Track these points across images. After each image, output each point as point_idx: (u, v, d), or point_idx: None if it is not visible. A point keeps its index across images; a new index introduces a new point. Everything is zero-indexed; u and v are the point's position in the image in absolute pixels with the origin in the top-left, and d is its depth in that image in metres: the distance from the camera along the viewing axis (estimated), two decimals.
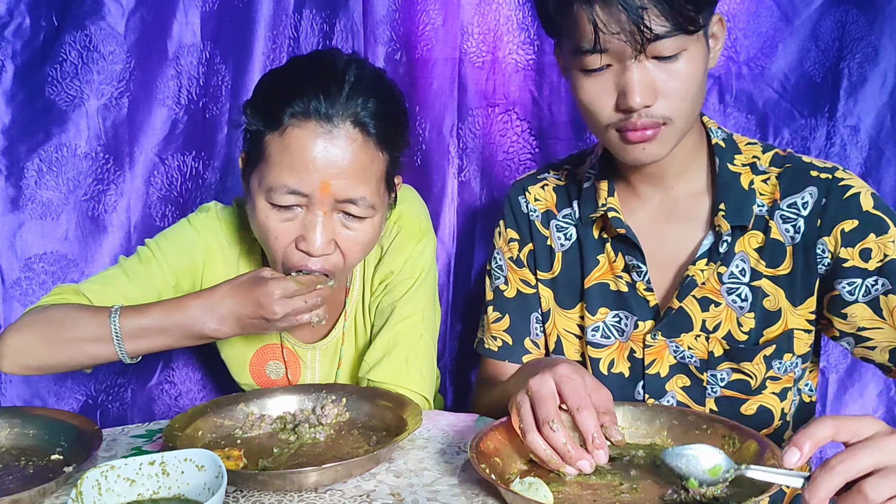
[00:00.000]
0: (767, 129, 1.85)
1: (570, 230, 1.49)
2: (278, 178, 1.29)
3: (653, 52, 1.22)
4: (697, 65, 1.26)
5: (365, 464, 1.12)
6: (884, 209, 1.30)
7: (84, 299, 1.40)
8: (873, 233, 1.28)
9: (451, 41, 1.87)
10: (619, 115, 1.27)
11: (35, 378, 1.73)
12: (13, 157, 1.67)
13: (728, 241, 1.35)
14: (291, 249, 1.33)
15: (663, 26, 1.19)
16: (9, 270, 1.69)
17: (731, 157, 1.39)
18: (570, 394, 1.09)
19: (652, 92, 1.24)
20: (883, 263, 1.27)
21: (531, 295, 1.51)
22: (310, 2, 1.82)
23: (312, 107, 1.27)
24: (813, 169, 1.35)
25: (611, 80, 1.26)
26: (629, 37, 1.20)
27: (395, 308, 1.49)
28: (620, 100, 1.25)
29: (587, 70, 1.27)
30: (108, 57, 1.69)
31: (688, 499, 1.03)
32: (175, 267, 1.48)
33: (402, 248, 1.51)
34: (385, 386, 1.44)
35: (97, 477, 0.98)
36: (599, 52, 1.23)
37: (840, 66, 1.80)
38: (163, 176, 1.77)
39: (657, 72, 1.24)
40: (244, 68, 1.79)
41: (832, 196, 1.31)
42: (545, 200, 1.52)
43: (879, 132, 1.81)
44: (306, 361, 1.56)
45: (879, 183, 1.83)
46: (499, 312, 1.53)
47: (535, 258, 1.51)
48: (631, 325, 1.42)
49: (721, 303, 1.36)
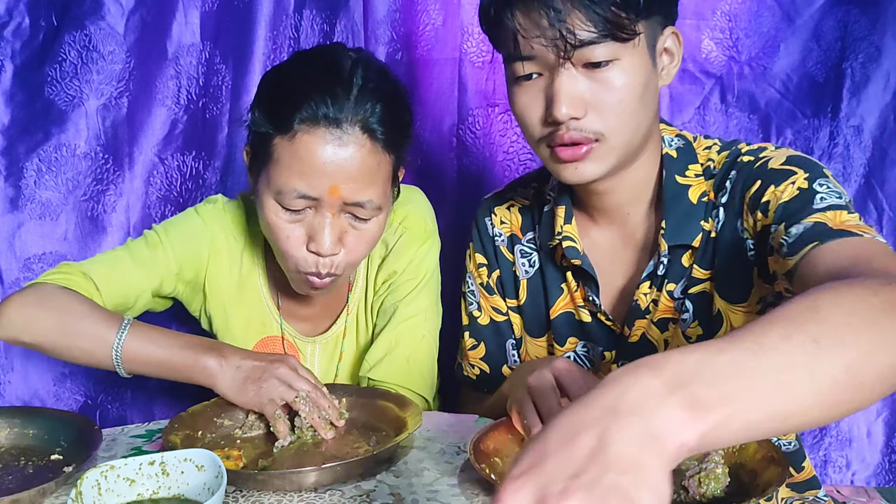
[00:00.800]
0: (770, 130, 1.84)
1: (534, 256, 1.43)
2: (288, 182, 1.30)
3: (582, 58, 1.15)
4: (634, 77, 1.17)
5: (365, 464, 1.12)
6: (795, 162, 1.18)
7: (91, 284, 1.40)
8: (773, 185, 1.16)
9: (451, 41, 1.87)
10: (547, 130, 1.20)
11: (35, 378, 1.72)
12: (12, 157, 1.66)
13: (664, 262, 1.27)
14: (304, 253, 1.34)
15: (589, 31, 1.12)
16: (8, 270, 1.69)
17: (683, 168, 1.29)
18: (570, 385, 1.09)
19: (580, 103, 1.16)
20: (778, 208, 1.14)
21: (504, 322, 1.47)
22: (310, 2, 1.82)
23: (321, 112, 1.28)
24: (742, 155, 1.25)
25: (540, 91, 1.19)
26: (550, 42, 1.13)
27: (397, 308, 1.49)
28: (547, 111, 1.18)
29: (516, 79, 1.21)
30: (108, 57, 1.68)
31: (688, 499, 1.03)
32: (180, 255, 1.48)
33: (407, 248, 1.51)
34: (386, 385, 1.44)
35: (97, 477, 0.98)
36: (521, 58, 1.17)
37: (843, 66, 1.80)
38: (162, 176, 1.77)
39: (588, 82, 1.16)
40: (244, 68, 1.79)
41: (743, 171, 1.22)
42: (510, 223, 1.46)
43: (883, 132, 1.81)
44: (306, 354, 1.56)
45: (883, 184, 1.82)
46: (474, 339, 1.50)
47: (503, 285, 1.46)
48: (598, 355, 1.38)
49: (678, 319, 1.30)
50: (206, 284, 1.52)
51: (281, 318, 1.55)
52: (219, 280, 1.52)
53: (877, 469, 1.92)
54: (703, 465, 1.04)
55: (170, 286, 1.49)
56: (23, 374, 1.71)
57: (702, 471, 1.03)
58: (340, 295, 1.56)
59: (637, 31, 1.15)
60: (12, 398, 1.71)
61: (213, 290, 1.53)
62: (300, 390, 1.24)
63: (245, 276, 1.54)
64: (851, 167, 1.82)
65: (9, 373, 1.70)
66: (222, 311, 1.54)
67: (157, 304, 1.53)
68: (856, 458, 1.91)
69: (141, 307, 1.49)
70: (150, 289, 1.47)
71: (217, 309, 1.54)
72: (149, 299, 1.48)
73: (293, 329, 1.56)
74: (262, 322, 1.56)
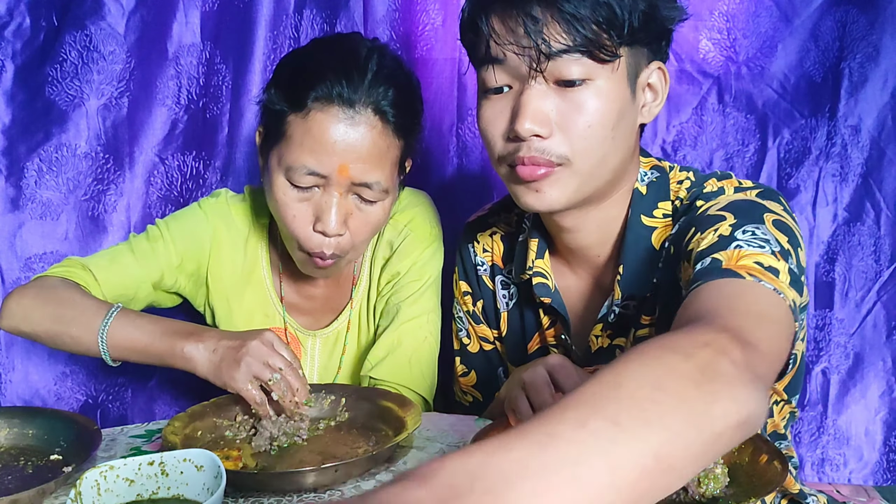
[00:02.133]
0: (767, 130, 1.84)
1: (513, 289, 1.41)
2: (299, 159, 1.33)
3: (554, 73, 1.10)
4: (608, 103, 1.11)
5: (364, 464, 1.12)
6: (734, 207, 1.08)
7: (89, 275, 1.43)
8: (699, 232, 1.06)
9: (450, 41, 1.87)
10: (509, 147, 1.15)
11: (36, 377, 1.73)
12: (13, 156, 1.67)
13: (615, 311, 1.23)
14: (310, 232, 1.37)
15: (565, 45, 1.08)
16: (9, 270, 1.69)
17: (651, 206, 1.22)
18: (564, 380, 1.09)
19: (546, 120, 1.11)
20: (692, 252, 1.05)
21: (492, 351, 1.47)
22: (310, 2, 1.82)
23: (336, 92, 1.31)
24: (700, 198, 1.16)
25: (508, 105, 1.14)
26: (523, 51, 1.09)
27: (400, 308, 1.50)
28: (509, 125, 1.13)
29: (486, 90, 1.17)
30: (108, 57, 1.69)
31: (687, 499, 1.03)
32: (181, 248, 1.50)
33: (411, 250, 1.53)
34: (386, 385, 1.45)
35: (96, 477, 0.98)
36: (491, 61, 1.13)
37: (841, 66, 1.80)
38: (163, 176, 1.77)
39: (558, 100, 1.11)
40: (244, 68, 1.79)
41: (684, 217, 1.16)
42: (492, 252, 1.43)
43: (881, 132, 1.81)
44: (307, 348, 1.58)
45: (881, 183, 1.82)
46: (465, 366, 1.50)
47: (486, 314, 1.45)
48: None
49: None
50: (208, 277, 1.54)
51: (284, 310, 1.56)
52: (221, 272, 1.54)
53: (874, 468, 1.92)
54: None
55: (171, 279, 1.51)
56: (24, 373, 1.72)
57: (701, 471, 1.03)
58: (343, 290, 1.58)
59: (617, 54, 1.10)
60: (13, 397, 1.72)
61: (215, 282, 1.55)
62: (275, 367, 1.23)
63: (249, 269, 1.56)
64: (849, 167, 1.82)
65: (10, 372, 1.71)
66: (225, 304, 1.56)
67: (161, 298, 1.55)
68: (853, 457, 1.92)
69: (143, 300, 1.51)
70: (150, 281, 1.48)
71: (220, 301, 1.55)
72: (150, 291, 1.50)
73: (295, 322, 1.58)
74: (265, 314, 1.57)
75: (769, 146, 1.84)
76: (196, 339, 1.27)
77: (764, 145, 1.84)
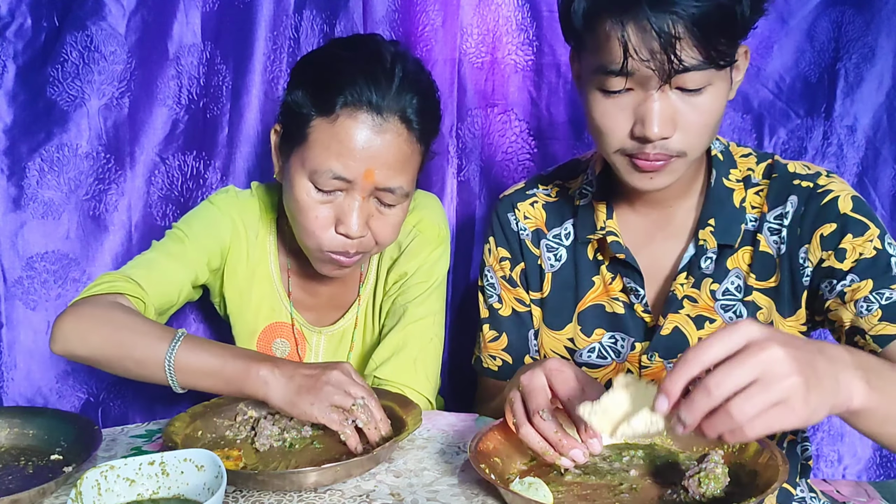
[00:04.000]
0: (763, 129, 1.85)
1: (561, 251, 1.45)
2: (325, 163, 1.34)
3: (677, 82, 1.16)
4: (720, 99, 1.21)
5: (365, 464, 1.13)
6: (864, 212, 1.26)
7: (136, 286, 1.39)
8: (850, 233, 1.24)
9: (450, 42, 1.88)
10: (632, 143, 1.22)
11: (37, 376, 1.73)
12: (15, 156, 1.67)
13: (713, 258, 1.32)
14: (331, 235, 1.38)
15: (695, 59, 1.14)
16: (10, 269, 1.70)
17: (727, 172, 1.35)
18: (560, 385, 1.10)
19: (671, 124, 1.18)
20: (856, 262, 1.23)
21: (526, 313, 1.49)
22: (310, 2, 1.82)
23: (365, 98, 1.33)
24: (796, 178, 1.32)
25: (630, 105, 1.20)
26: (658, 66, 1.14)
27: (407, 309, 1.51)
28: (637, 127, 1.20)
29: (607, 91, 1.20)
30: (109, 57, 1.69)
31: (687, 499, 1.04)
32: (205, 245, 1.51)
33: (419, 251, 1.54)
34: (391, 384, 1.45)
35: (97, 477, 0.98)
36: (626, 75, 1.16)
37: (836, 67, 1.80)
38: (164, 175, 1.78)
39: (679, 104, 1.18)
40: (244, 68, 1.79)
41: (811, 203, 1.28)
42: (534, 218, 1.48)
43: (876, 132, 1.82)
44: (311, 344, 1.59)
45: (876, 183, 1.83)
46: (495, 331, 1.50)
47: (527, 277, 1.48)
48: (627, 346, 1.39)
49: (717, 319, 1.34)
50: (224, 268, 1.56)
51: (291, 305, 1.57)
52: (236, 264, 1.56)
53: (868, 464, 1.93)
54: (703, 465, 1.04)
55: (203, 276, 1.52)
56: (25, 371, 1.72)
57: (702, 471, 1.04)
58: (350, 288, 1.59)
59: (735, 59, 1.19)
60: (15, 395, 1.72)
61: (230, 273, 1.56)
62: (356, 396, 1.21)
63: (256, 263, 1.57)
64: (845, 166, 1.83)
65: (12, 370, 1.71)
66: (237, 295, 1.57)
67: (193, 294, 1.56)
68: (847, 453, 1.93)
69: (181, 302, 1.52)
70: (189, 281, 1.49)
71: (232, 292, 1.57)
72: (189, 292, 1.52)
73: (301, 318, 1.59)
74: (272, 308, 1.59)
75: (765, 146, 1.85)
76: (272, 364, 1.23)
77: (760, 145, 1.85)
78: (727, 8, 1.13)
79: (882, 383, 0.92)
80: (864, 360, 0.93)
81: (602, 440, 1.08)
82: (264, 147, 1.82)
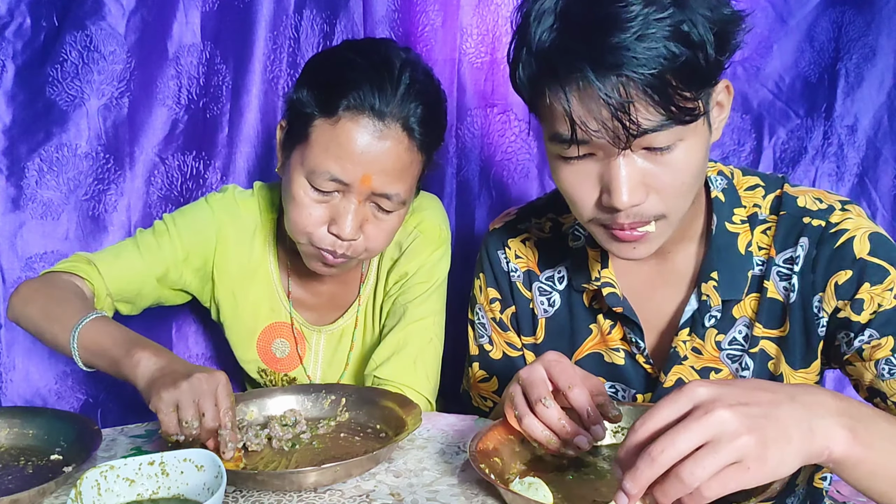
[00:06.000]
0: (763, 129, 1.85)
1: (554, 296, 1.37)
2: (323, 164, 1.34)
3: (642, 144, 1.05)
4: (697, 153, 1.08)
5: (364, 464, 1.12)
6: (883, 253, 1.15)
7: (94, 269, 1.44)
8: (868, 282, 1.14)
9: (449, 42, 1.87)
10: (604, 213, 1.11)
11: (37, 376, 1.74)
12: (14, 156, 1.67)
13: (717, 315, 1.23)
14: (323, 231, 1.38)
15: (653, 120, 1.02)
16: (9, 270, 1.69)
17: (730, 213, 1.24)
18: (559, 374, 1.09)
19: (642, 188, 1.07)
20: (875, 315, 1.14)
21: (518, 357, 1.42)
22: (310, 2, 1.82)
23: (368, 103, 1.32)
24: (806, 215, 1.20)
25: (594, 172, 1.09)
26: (611, 135, 1.02)
27: (407, 309, 1.51)
28: (605, 196, 1.09)
29: (566, 157, 1.10)
30: (109, 57, 1.69)
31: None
32: (187, 242, 1.52)
33: (420, 252, 1.54)
34: (390, 384, 1.46)
35: (96, 477, 0.98)
36: (577, 143, 1.06)
37: (837, 67, 1.81)
38: (163, 176, 1.78)
39: (648, 165, 1.07)
40: (244, 68, 1.79)
41: (824, 246, 1.18)
42: (526, 258, 1.39)
43: (877, 132, 1.82)
44: (311, 343, 1.59)
45: (876, 183, 1.83)
46: (485, 372, 1.45)
47: (518, 321, 1.40)
48: (629, 397, 1.34)
49: (723, 369, 1.26)
50: (214, 271, 1.56)
51: (290, 305, 1.57)
52: (227, 267, 1.55)
53: None
54: None
55: (176, 274, 1.52)
56: (24, 372, 1.72)
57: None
58: (350, 287, 1.59)
59: (703, 110, 1.06)
60: (14, 396, 1.72)
61: (221, 277, 1.56)
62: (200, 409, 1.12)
63: (256, 263, 1.57)
64: (845, 166, 1.83)
65: (10, 371, 1.71)
66: (231, 298, 1.57)
67: (168, 294, 1.56)
68: None
69: (149, 295, 1.52)
70: (153, 275, 1.49)
71: (225, 295, 1.56)
72: (154, 286, 1.51)
73: (301, 317, 1.59)
74: (272, 308, 1.59)
75: (765, 146, 1.85)
76: (153, 352, 1.19)
77: (759, 145, 1.85)
78: (686, 58, 1.00)
79: (871, 435, 0.84)
80: (854, 409, 0.85)
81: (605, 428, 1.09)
82: (264, 147, 1.82)
